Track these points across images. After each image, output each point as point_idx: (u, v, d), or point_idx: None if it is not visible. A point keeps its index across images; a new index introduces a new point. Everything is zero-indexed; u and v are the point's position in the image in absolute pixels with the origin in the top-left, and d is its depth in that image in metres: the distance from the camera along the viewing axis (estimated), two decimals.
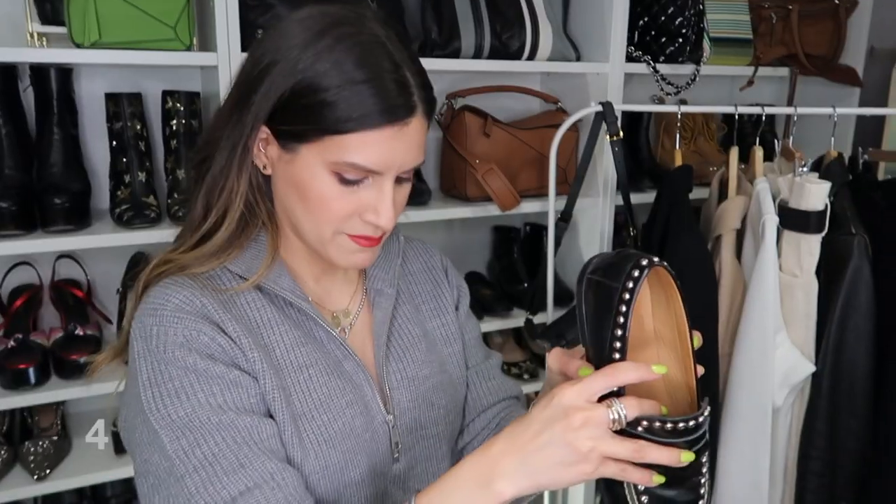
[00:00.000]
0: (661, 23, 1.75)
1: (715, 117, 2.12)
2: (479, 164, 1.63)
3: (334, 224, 0.77)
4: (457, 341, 0.97)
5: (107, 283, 1.65)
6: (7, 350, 1.42)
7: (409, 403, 0.87)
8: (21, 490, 1.42)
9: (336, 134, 0.72)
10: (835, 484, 1.51)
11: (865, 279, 1.42)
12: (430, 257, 1.00)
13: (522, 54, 1.65)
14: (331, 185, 0.75)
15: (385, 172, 0.75)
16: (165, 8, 1.34)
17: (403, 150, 0.75)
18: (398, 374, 0.88)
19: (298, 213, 0.78)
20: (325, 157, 0.74)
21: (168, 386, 0.72)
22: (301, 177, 0.76)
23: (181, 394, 0.71)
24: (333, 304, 0.88)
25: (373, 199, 0.76)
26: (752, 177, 1.54)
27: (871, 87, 2.06)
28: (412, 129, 0.74)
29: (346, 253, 0.79)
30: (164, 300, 0.75)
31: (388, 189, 0.76)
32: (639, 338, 0.73)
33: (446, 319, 0.96)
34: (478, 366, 0.99)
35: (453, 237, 2.01)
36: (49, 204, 1.35)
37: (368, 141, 0.72)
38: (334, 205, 0.75)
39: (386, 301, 0.90)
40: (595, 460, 0.62)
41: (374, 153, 0.73)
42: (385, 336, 0.88)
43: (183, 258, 0.79)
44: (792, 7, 1.90)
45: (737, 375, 1.47)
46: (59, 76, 1.40)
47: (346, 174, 0.74)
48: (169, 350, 0.72)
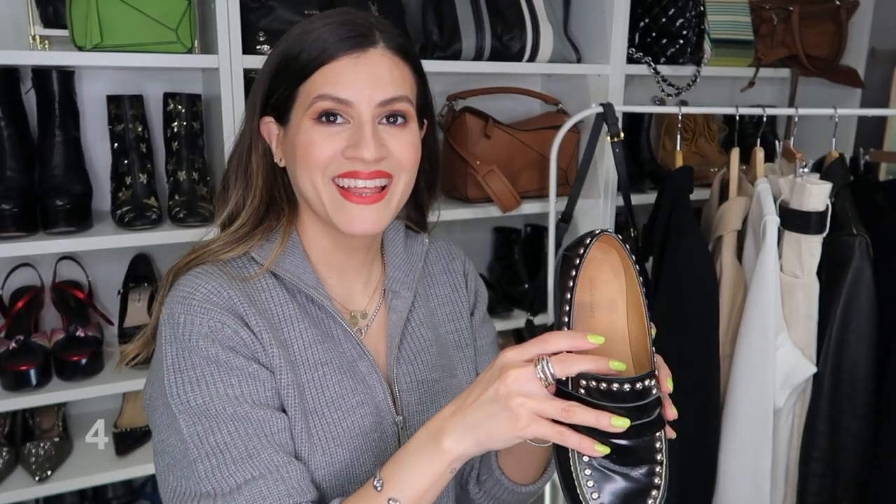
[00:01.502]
0: (661, 24, 1.75)
1: (716, 118, 2.12)
2: (480, 165, 1.63)
3: (320, 166, 0.79)
4: (469, 347, 0.98)
5: (108, 284, 1.65)
6: (8, 351, 1.42)
7: (419, 406, 0.89)
8: (22, 491, 1.42)
9: (305, 80, 0.79)
10: (836, 485, 1.50)
11: (867, 280, 1.42)
12: (452, 261, 1.01)
13: (523, 56, 1.65)
14: (314, 131, 0.79)
15: (355, 103, 0.78)
16: (167, 10, 1.34)
17: (368, 79, 0.78)
18: (408, 376, 0.89)
19: (298, 175, 0.82)
20: (304, 105, 0.79)
21: (190, 374, 0.75)
22: (293, 138, 0.81)
23: (201, 382, 0.74)
24: (353, 304, 0.90)
25: (354, 136, 0.79)
26: (753, 178, 1.54)
27: (873, 88, 2.06)
28: (373, 59, 0.78)
29: (344, 211, 0.80)
30: (193, 289, 0.78)
31: (367, 121, 0.78)
32: (595, 303, 0.75)
33: (459, 325, 0.98)
34: None
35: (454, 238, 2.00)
36: (50, 206, 1.36)
37: (330, 72, 0.78)
38: (318, 148, 0.79)
39: (402, 304, 0.91)
40: (525, 417, 0.64)
41: (338, 82, 0.78)
42: (398, 339, 0.89)
43: (210, 245, 0.84)
44: (793, 8, 1.90)
45: (738, 376, 1.46)
46: (60, 78, 1.41)
47: (321, 109, 0.78)
48: (194, 339, 0.75)
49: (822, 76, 1.98)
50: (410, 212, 0.97)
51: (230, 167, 0.88)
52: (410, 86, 0.82)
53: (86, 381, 1.44)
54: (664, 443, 0.67)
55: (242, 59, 1.38)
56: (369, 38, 0.79)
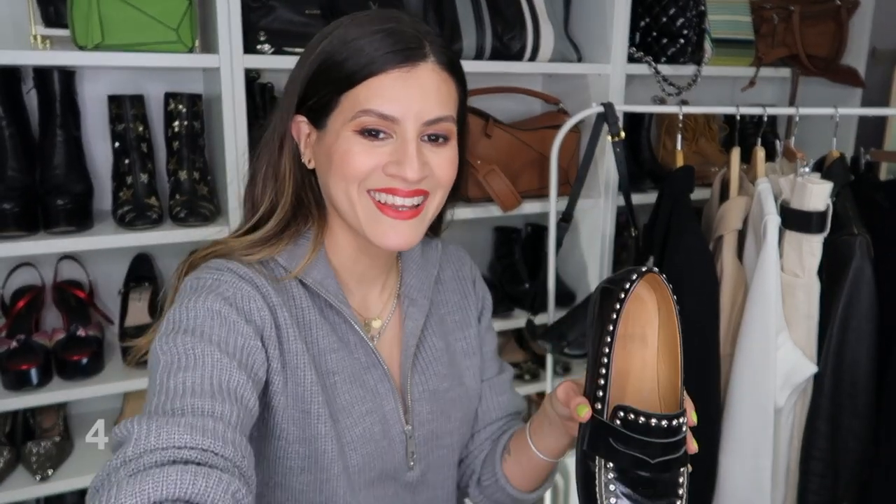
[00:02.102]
0: (662, 24, 1.75)
1: (716, 118, 2.12)
2: (481, 164, 1.63)
3: (358, 178, 0.77)
4: (476, 354, 0.98)
5: (109, 284, 1.65)
6: (9, 351, 1.42)
7: (429, 415, 0.89)
8: (23, 490, 1.42)
9: (349, 89, 0.76)
10: (837, 484, 1.50)
11: (867, 280, 1.42)
12: (462, 266, 1.01)
13: (524, 55, 1.65)
14: (354, 142, 0.76)
15: (402, 120, 0.75)
16: (168, 10, 1.34)
17: (417, 96, 0.75)
18: (420, 386, 0.89)
19: (331, 183, 0.79)
20: (346, 116, 0.76)
21: (199, 300, 0.74)
22: (329, 145, 0.78)
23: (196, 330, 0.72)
24: (369, 312, 0.89)
25: (396, 153, 0.76)
26: (754, 177, 1.54)
27: (873, 87, 2.06)
28: (423, 74, 0.76)
29: (378, 224, 0.78)
30: (226, 266, 0.78)
31: (411, 140, 0.76)
32: (627, 335, 0.76)
33: (468, 333, 0.97)
34: (491, 379, 1.00)
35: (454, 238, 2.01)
36: (51, 205, 1.36)
37: (377, 85, 0.75)
38: (357, 159, 0.76)
39: (418, 312, 0.90)
40: None
41: (385, 97, 0.75)
42: (413, 348, 0.89)
43: (232, 243, 0.82)
44: (793, 8, 1.90)
45: (738, 376, 1.46)
46: (62, 78, 1.41)
47: (365, 125, 0.76)
48: (213, 293, 0.74)
49: (823, 76, 1.98)
50: None
51: (258, 167, 0.84)
52: (455, 102, 0.81)
53: (86, 380, 1.44)
54: (686, 477, 0.69)
55: (243, 59, 1.38)
56: (419, 52, 0.76)
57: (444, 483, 0.93)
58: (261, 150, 0.85)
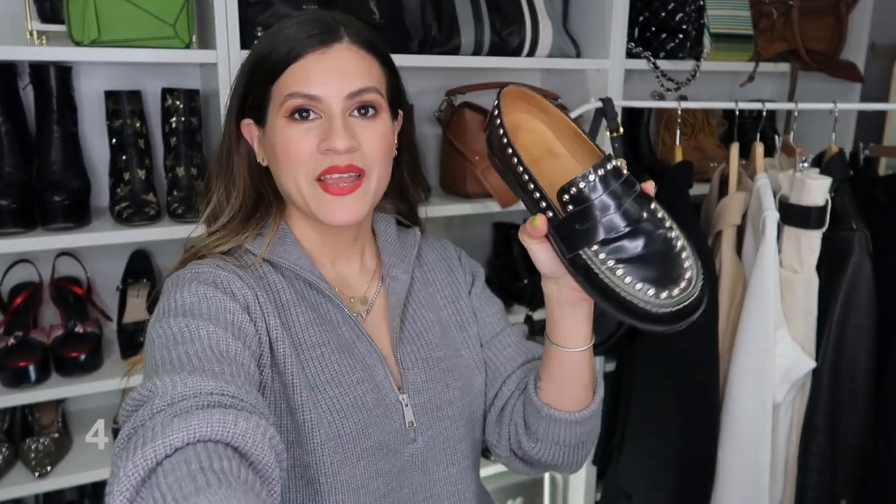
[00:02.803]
0: (661, 19, 1.75)
1: (715, 113, 2.12)
2: (479, 160, 1.63)
3: (304, 167, 0.82)
4: (471, 325, 0.99)
5: (107, 280, 1.65)
6: (7, 348, 1.42)
7: (425, 384, 0.90)
8: (22, 487, 1.42)
9: (276, 79, 0.82)
10: (835, 480, 1.51)
11: (866, 275, 1.42)
12: (445, 249, 1.04)
13: (522, 51, 1.65)
14: (289, 128, 0.82)
15: (324, 97, 0.81)
16: (165, 6, 1.33)
17: (334, 71, 0.81)
18: (412, 355, 0.91)
19: (282, 177, 0.85)
20: (278, 105, 0.82)
21: (183, 289, 0.78)
22: (272, 139, 0.84)
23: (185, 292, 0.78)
24: (350, 290, 0.92)
25: (325, 130, 0.81)
26: (753, 173, 1.54)
27: (872, 82, 2.06)
28: (339, 53, 0.82)
29: (324, 204, 0.83)
30: (201, 265, 0.83)
31: (337, 114, 0.81)
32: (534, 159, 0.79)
33: (460, 306, 0.99)
34: (490, 341, 0.99)
35: (453, 234, 2.01)
36: (49, 202, 1.35)
37: (299, 70, 0.81)
38: (295, 147, 0.82)
39: (400, 286, 0.93)
40: None
41: (306, 78, 0.81)
42: (399, 318, 0.91)
43: (205, 241, 0.88)
44: (792, 3, 1.90)
45: (737, 372, 1.47)
46: (58, 74, 1.40)
47: (293, 107, 0.81)
48: (195, 281, 0.79)
49: (822, 71, 1.97)
50: (398, 204, 1.00)
51: (212, 169, 0.91)
52: (378, 77, 0.85)
53: (85, 376, 1.44)
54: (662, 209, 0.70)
55: (240, 55, 1.38)
56: (334, 34, 0.82)
57: (456, 459, 0.91)
58: (215, 156, 0.91)
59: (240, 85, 0.87)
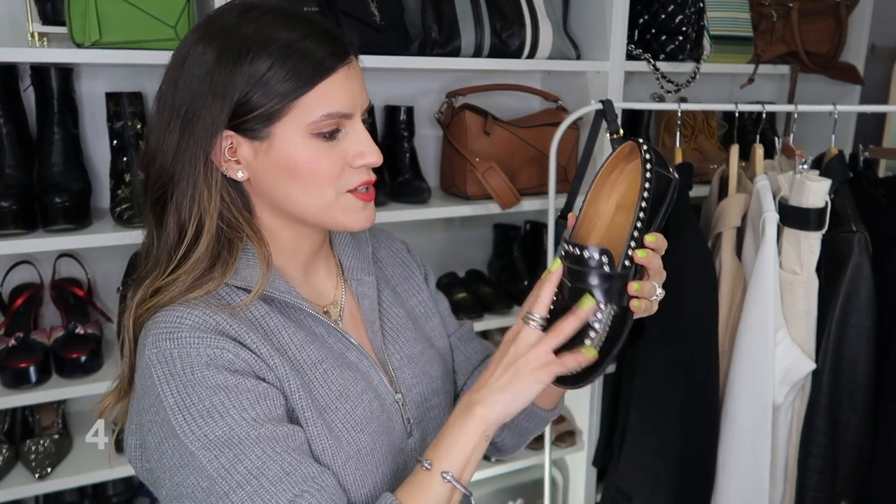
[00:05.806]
0: (661, 21, 1.75)
1: (715, 115, 2.12)
2: (480, 162, 1.63)
3: (334, 184, 0.79)
4: (435, 315, 1.02)
5: (107, 281, 1.65)
6: (8, 349, 1.42)
7: (413, 380, 0.92)
8: (22, 489, 1.42)
9: (301, 96, 0.76)
10: (835, 481, 1.51)
11: (866, 276, 1.42)
12: (393, 243, 1.05)
13: (522, 53, 1.65)
14: (315, 148, 0.77)
15: (354, 113, 0.80)
16: (166, 7, 1.34)
17: (359, 88, 0.80)
18: (397, 353, 0.92)
19: (294, 193, 0.79)
20: (300, 122, 0.76)
21: (199, 407, 0.71)
22: (285, 155, 0.77)
23: (214, 413, 0.71)
24: (323, 299, 0.91)
25: (354, 144, 0.80)
26: (753, 174, 1.54)
27: (872, 84, 2.06)
28: (355, 67, 0.81)
29: (354, 212, 0.82)
30: (177, 322, 0.74)
31: (363, 129, 0.80)
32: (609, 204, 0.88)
33: (422, 297, 1.02)
34: (457, 331, 1.05)
35: (453, 235, 2.01)
36: (50, 203, 1.36)
37: (330, 88, 0.77)
38: (325, 165, 0.78)
39: (369, 290, 0.93)
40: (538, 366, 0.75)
41: (340, 96, 0.77)
42: (377, 322, 0.92)
43: (168, 290, 0.77)
44: (792, 4, 1.90)
45: (737, 373, 1.47)
46: (59, 76, 1.41)
47: (324, 129, 0.77)
48: (196, 371, 0.72)
49: (822, 73, 1.97)
50: None
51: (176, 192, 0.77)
52: None
53: (85, 378, 1.44)
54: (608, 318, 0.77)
55: None
56: (350, 48, 0.80)
57: None
58: (166, 183, 0.78)
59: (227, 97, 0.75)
